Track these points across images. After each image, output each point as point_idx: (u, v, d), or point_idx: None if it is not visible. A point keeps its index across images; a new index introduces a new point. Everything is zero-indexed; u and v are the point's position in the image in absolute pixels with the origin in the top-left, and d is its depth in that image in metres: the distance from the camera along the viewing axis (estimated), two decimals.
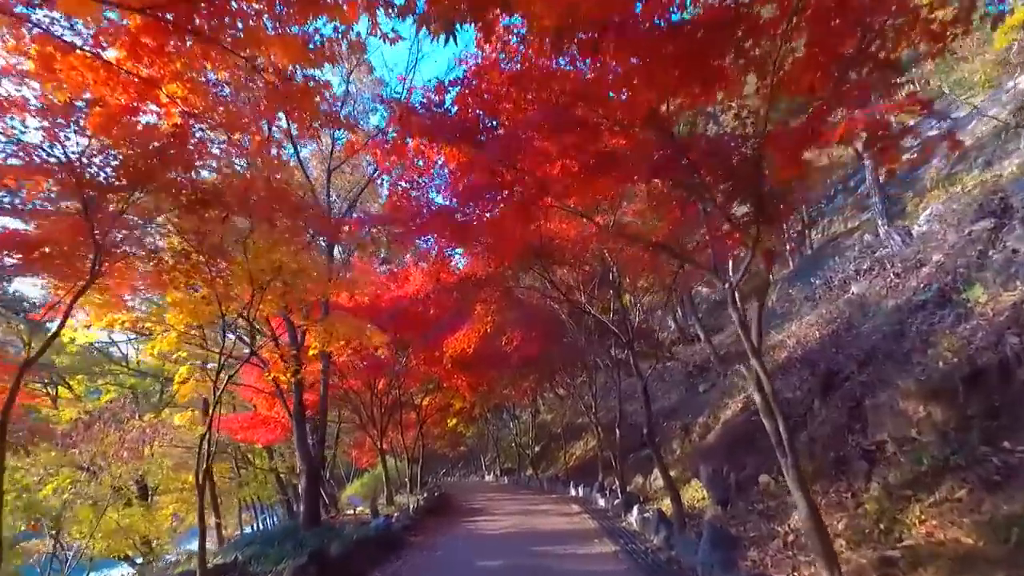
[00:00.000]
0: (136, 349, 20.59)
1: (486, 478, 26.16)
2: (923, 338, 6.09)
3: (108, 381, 19.81)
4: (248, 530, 21.32)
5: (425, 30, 2.57)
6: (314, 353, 11.33)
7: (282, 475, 20.84)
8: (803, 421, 6.87)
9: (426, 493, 15.58)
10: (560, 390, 24.51)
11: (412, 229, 7.24)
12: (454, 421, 22.35)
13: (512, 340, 12.68)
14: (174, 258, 6.31)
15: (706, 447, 9.11)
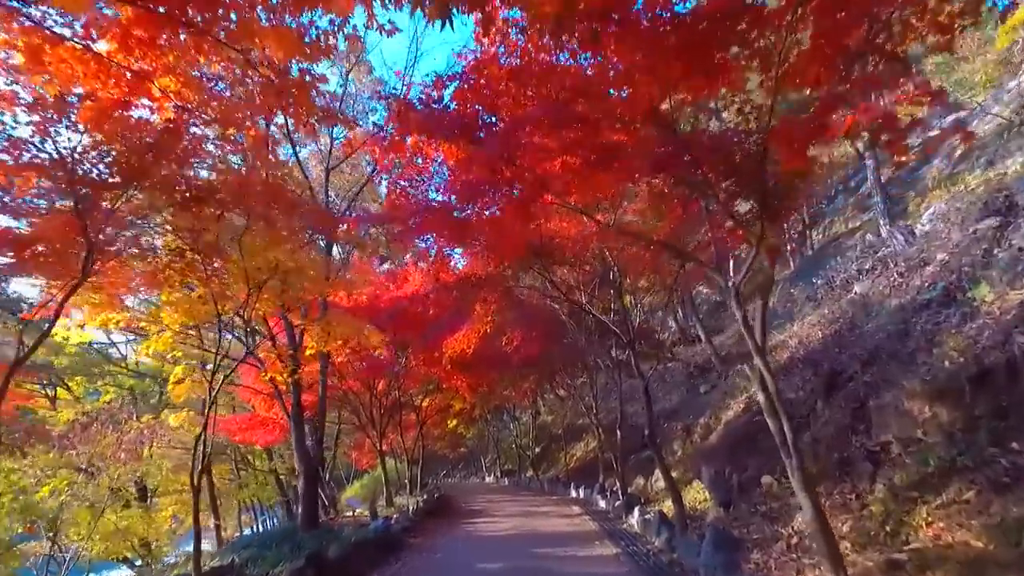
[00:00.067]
0: (135, 350, 20.51)
1: (486, 479, 26.06)
2: (928, 337, 6.01)
3: (107, 382, 19.74)
4: (248, 532, 21.24)
5: (420, 13, 2.49)
6: (312, 353, 11.26)
7: (282, 476, 20.75)
8: (806, 422, 6.78)
9: (426, 495, 15.50)
10: (560, 391, 24.48)
11: (411, 227, 7.17)
12: (454, 422, 22.27)
13: (512, 340, 12.61)
14: (168, 256, 6.23)
15: (708, 448, 9.02)
